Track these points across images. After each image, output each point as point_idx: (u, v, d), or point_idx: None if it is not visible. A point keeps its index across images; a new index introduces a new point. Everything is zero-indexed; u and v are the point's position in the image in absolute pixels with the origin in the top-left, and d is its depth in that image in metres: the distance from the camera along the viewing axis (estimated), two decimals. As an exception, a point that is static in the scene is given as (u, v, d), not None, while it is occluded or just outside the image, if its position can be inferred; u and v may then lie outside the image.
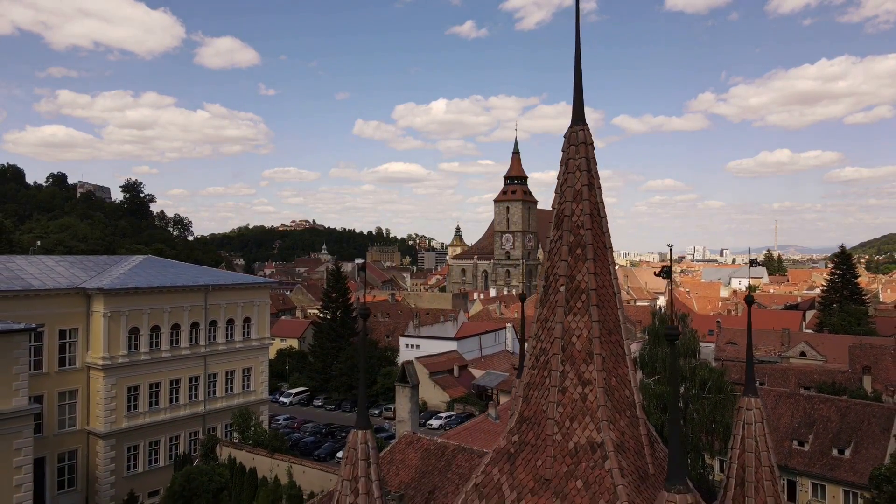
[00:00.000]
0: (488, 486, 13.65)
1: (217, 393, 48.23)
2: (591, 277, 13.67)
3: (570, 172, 14.28)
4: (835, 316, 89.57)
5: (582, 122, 14.42)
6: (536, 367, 14.03)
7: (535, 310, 14.42)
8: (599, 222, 14.17)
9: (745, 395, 15.69)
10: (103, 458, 41.87)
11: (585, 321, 13.55)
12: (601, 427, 12.97)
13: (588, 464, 12.79)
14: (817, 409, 49.08)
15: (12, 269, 41.70)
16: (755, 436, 15.26)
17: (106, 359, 41.77)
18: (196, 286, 46.80)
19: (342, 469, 12.80)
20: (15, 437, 30.22)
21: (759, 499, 14.94)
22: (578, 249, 13.89)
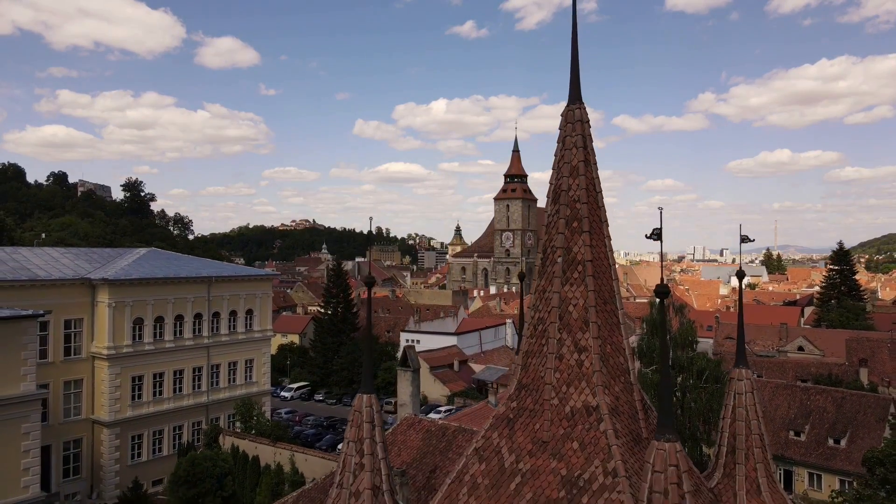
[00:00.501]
0: (488, 449, 14.17)
1: (220, 384, 48.76)
2: (587, 249, 14.19)
3: (566, 149, 14.81)
4: (833, 312, 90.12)
5: (578, 100, 14.96)
6: (534, 336, 14.56)
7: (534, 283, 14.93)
8: (595, 197, 14.70)
9: (736, 367, 16.22)
10: (108, 447, 42.40)
11: (582, 291, 14.08)
12: (596, 391, 13.49)
13: (584, 426, 13.32)
14: (813, 400, 49.62)
15: (18, 261, 42.24)
16: (746, 405, 15.78)
17: (110, 349, 42.30)
18: (199, 278, 47.32)
19: (348, 431, 13.33)
20: (23, 422, 30.71)
21: (750, 465, 15.45)
22: (575, 223, 14.42)
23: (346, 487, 12.93)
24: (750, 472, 15.44)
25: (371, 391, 13.44)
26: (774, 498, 15.32)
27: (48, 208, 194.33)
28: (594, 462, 12.91)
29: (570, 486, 12.86)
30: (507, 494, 13.40)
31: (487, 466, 13.98)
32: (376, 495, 12.87)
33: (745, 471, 15.44)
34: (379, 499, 12.92)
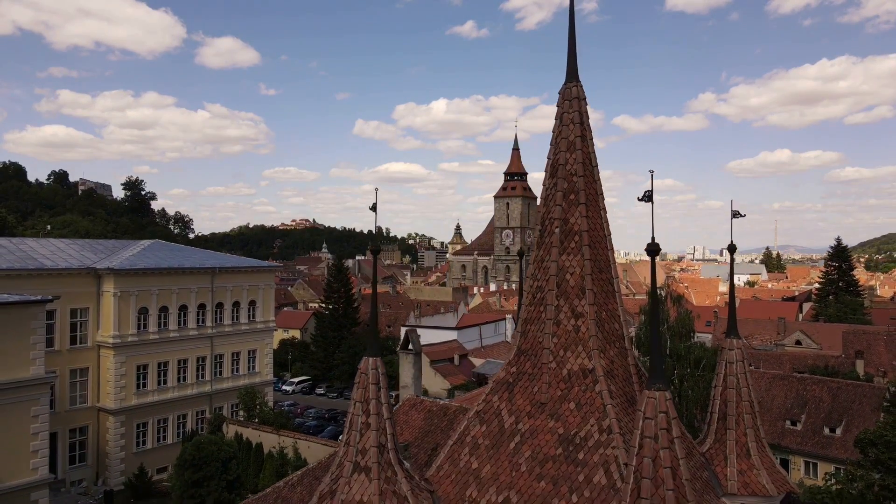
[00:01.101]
0: (488, 412, 14.79)
1: (223, 373, 49.36)
2: (583, 220, 14.81)
3: (564, 125, 15.43)
4: (831, 307, 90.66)
5: (575, 79, 15.58)
6: (533, 304, 15.18)
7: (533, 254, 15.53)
8: (591, 171, 15.31)
9: (727, 337, 16.85)
10: (113, 435, 43.00)
11: (578, 260, 14.69)
12: (592, 355, 14.11)
13: (580, 387, 13.94)
14: (809, 390, 50.19)
15: (24, 251, 42.83)
16: (736, 373, 16.41)
17: (116, 337, 42.90)
18: (203, 268, 47.93)
19: (354, 392, 13.92)
20: (32, 405, 31.30)
21: (740, 430, 16.08)
22: (572, 195, 15.04)
23: (352, 445, 13.51)
24: (740, 437, 16.08)
25: (377, 354, 14.02)
26: (763, 461, 15.95)
27: (49, 207, 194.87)
28: (590, 421, 13.53)
29: (567, 443, 13.47)
30: (507, 453, 14.01)
31: (488, 428, 14.60)
32: (381, 453, 13.46)
33: (736, 435, 16.07)
34: (384, 456, 13.50)
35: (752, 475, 15.66)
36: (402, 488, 13.37)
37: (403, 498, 13.30)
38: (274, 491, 27.28)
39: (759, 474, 15.62)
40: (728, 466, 15.82)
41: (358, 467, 13.27)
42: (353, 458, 13.39)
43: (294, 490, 26.72)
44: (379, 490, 13.00)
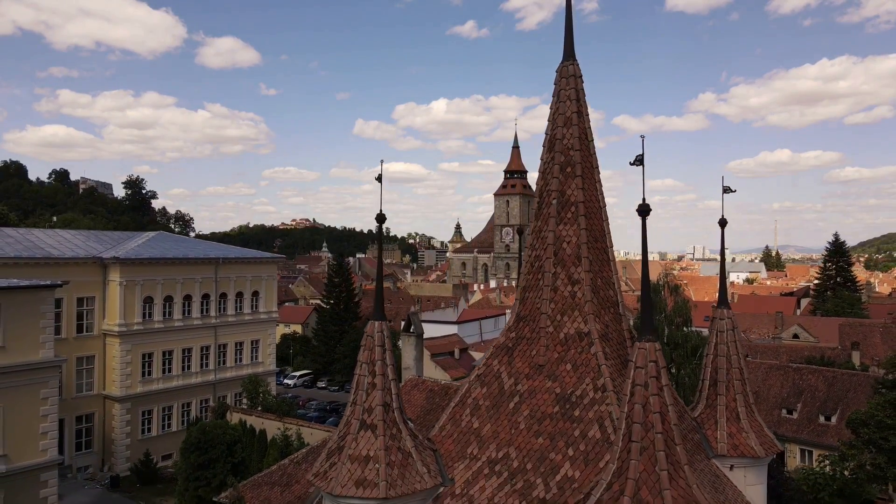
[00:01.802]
0: (489, 375, 15.47)
1: (227, 363, 50.03)
2: (579, 192, 15.50)
3: (561, 102, 16.11)
4: (828, 302, 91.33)
5: (572, 57, 16.25)
6: (532, 272, 15.87)
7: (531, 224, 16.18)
8: (587, 145, 15.99)
9: (718, 307, 17.53)
10: (119, 422, 43.67)
11: (575, 229, 15.38)
12: (588, 319, 14.80)
13: (576, 350, 14.62)
14: (805, 380, 50.84)
15: (31, 240, 43.51)
16: (727, 342, 17.10)
17: (122, 326, 43.57)
18: (207, 258, 48.62)
19: (361, 354, 14.59)
20: (42, 387, 31.96)
21: (730, 395, 16.76)
22: (568, 168, 15.72)
23: (359, 404, 14.18)
24: (730, 402, 16.75)
25: (382, 318, 14.69)
26: (752, 424, 16.62)
27: (50, 205, 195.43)
28: (585, 380, 14.21)
29: (563, 401, 14.16)
30: (507, 413, 14.69)
31: (488, 390, 15.28)
32: (387, 411, 14.13)
33: (726, 401, 16.75)
34: (389, 415, 14.18)
35: (742, 438, 16.33)
36: (406, 445, 14.04)
37: (408, 454, 13.97)
38: (279, 468, 27.94)
39: (748, 437, 16.28)
40: (718, 430, 16.49)
41: (364, 425, 13.93)
42: (359, 416, 14.05)
43: (299, 467, 27.37)
44: (385, 446, 13.67)
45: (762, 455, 16.22)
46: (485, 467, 14.09)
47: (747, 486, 16.42)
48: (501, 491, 13.53)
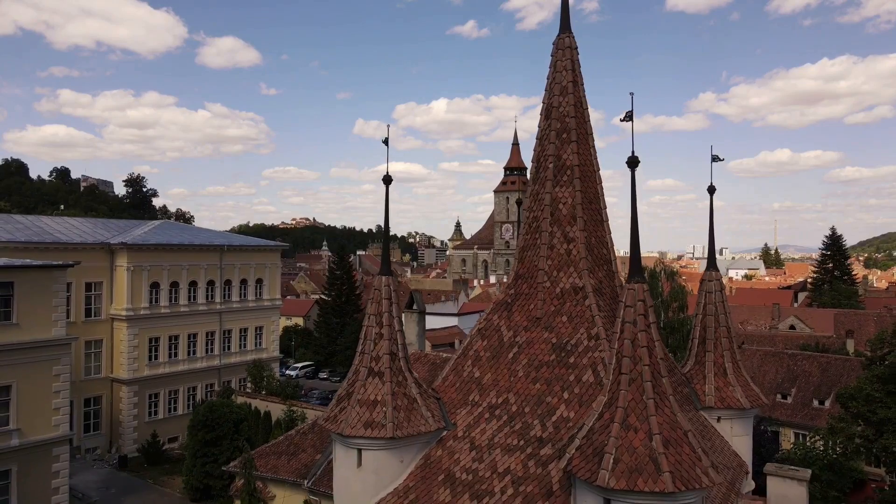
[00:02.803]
0: (489, 328, 16.38)
1: (231, 348, 50.92)
2: (574, 156, 16.41)
3: (557, 72, 17.02)
4: (825, 296, 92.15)
5: (568, 30, 17.17)
6: (529, 232, 16.78)
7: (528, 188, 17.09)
8: (582, 112, 16.90)
9: (707, 270, 18.46)
10: (126, 404, 44.54)
11: (570, 191, 16.29)
12: (583, 275, 15.71)
13: (572, 303, 15.53)
14: (800, 365, 51.73)
15: (41, 227, 44.38)
16: (715, 302, 18.06)
17: (129, 310, 44.44)
18: (212, 245, 49.49)
19: (369, 307, 15.50)
20: (54, 364, 32.80)
21: (718, 352, 17.71)
22: (564, 134, 16.64)
23: (367, 353, 15.09)
24: (717, 359, 17.72)
25: (388, 273, 15.59)
26: (739, 379, 17.56)
27: (52, 203, 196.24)
28: (580, 330, 15.12)
29: (559, 350, 15.06)
30: (506, 362, 15.61)
31: (489, 342, 16.19)
32: (393, 360, 15.05)
33: (714, 357, 17.72)
34: (395, 363, 15.09)
35: (728, 391, 17.27)
36: (411, 391, 14.96)
37: (413, 399, 14.88)
38: (286, 439, 28.85)
39: (734, 390, 17.22)
40: (706, 384, 17.44)
41: (372, 372, 14.85)
42: (367, 364, 14.97)
43: (305, 437, 28.29)
44: (391, 391, 14.59)
45: (747, 406, 17.15)
46: (485, 412, 14.99)
47: (734, 436, 17.37)
48: (501, 432, 14.43)
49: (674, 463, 11.06)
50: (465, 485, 13.71)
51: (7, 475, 31.15)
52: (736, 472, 16.12)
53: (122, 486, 38.69)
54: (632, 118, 12.45)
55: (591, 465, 11.42)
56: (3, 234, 41.00)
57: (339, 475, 14.90)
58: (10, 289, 31.31)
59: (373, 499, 14.22)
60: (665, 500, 10.99)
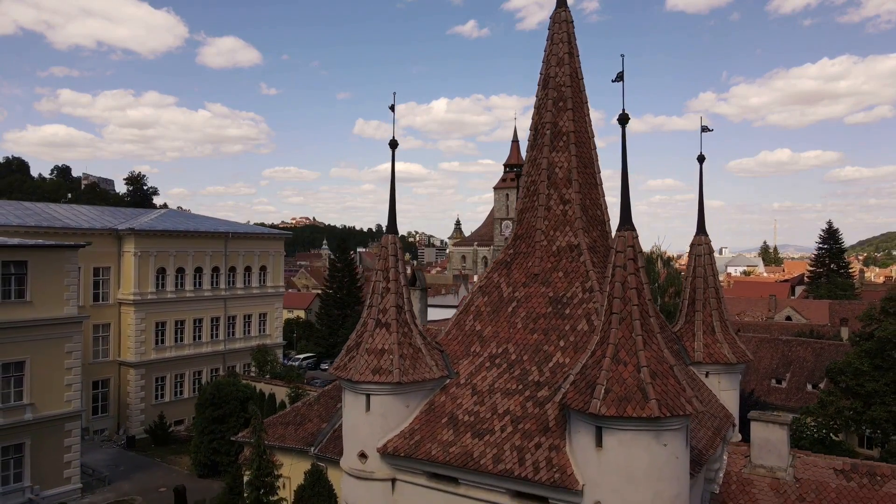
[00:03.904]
0: (489, 286, 17.33)
1: (236, 334, 51.83)
2: (570, 123, 17.36)
3: (554, 44, 17.96)
4: (822, 289, 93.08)
5: (564, 5, 18.14)
6: (527, 196, 17.72)
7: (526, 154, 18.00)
8: (578, 82, 17.85)
9: (697, 235, 19.40)
10: (134, 387, 45.45)
11: (566, 156, 17.24)
12: (578, 234, 16.66)
13: (568, 259, 16.49)
14: (794, 351, 52.63)
15: (50, 213, 45.30)
16: (704, 265, 19.01)
17: (136, 295, 45.35)
18: (217, 233, 50.40)
19: (376, 264, 16.43)
20: (66, 342, 33.74)
21: (706, 312, 18.65)
22: (561, 102, 17.58)
23: (375, 306, 16.04)
24: (706, 317, 18.66)
25: (395, 232, 16.54)
26: (726, 337, 18.50)
27: (53, 200, 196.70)
28: (575, 284, 16.07)
29: (555, 303, 16.00)
30: (505, 315, 16.55)
31: (489, 298, 17.14)
32: (399, 312, 15.99)
33: (703, 316, 18.67)
34: (402, 316, 16.04)
35: (716, 347, 18.21)
36: (416, 341, 15.90)
37: (418, 349, 15.82)
38: (293, 410, 29.79)
39: (721, 346, 18.17)
40: (695, 341, 18.40)
41: (380, 323, 15.79)
42: (375, 317, 15.92)
43: (311, 408, 29.23)
44: (398, 340, 15.54)
45: (734, 361, 18.09)
46: (486, 361, 15.93)
47: (721, 391, 18.31)
48: (501, 378, 15.37)
49: (660, 392, 11.99)
50: (468, 425, 14.63)
51: (21, 448, 32.09)
52: (722, 420, 17.05)
53: (130, 464, 39.59)
54: (622, 79, 13.37)
55: (584, 396, 12.35)
56: (14, 219, 41.94)
57: (348, 420, 15.81)
58: (24, 268, 32.24)
59: (380, 440, 15.14)
60: (651, 425, 11.93)
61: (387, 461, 15.09)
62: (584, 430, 12.56)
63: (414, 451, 14.58)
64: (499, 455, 13.67)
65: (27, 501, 31.98)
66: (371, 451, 15.18)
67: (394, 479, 15.21)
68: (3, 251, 31.77)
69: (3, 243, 32.56)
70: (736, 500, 15.53)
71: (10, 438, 31.48)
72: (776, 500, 15.21)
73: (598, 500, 12.37)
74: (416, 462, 14.63)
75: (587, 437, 12.49)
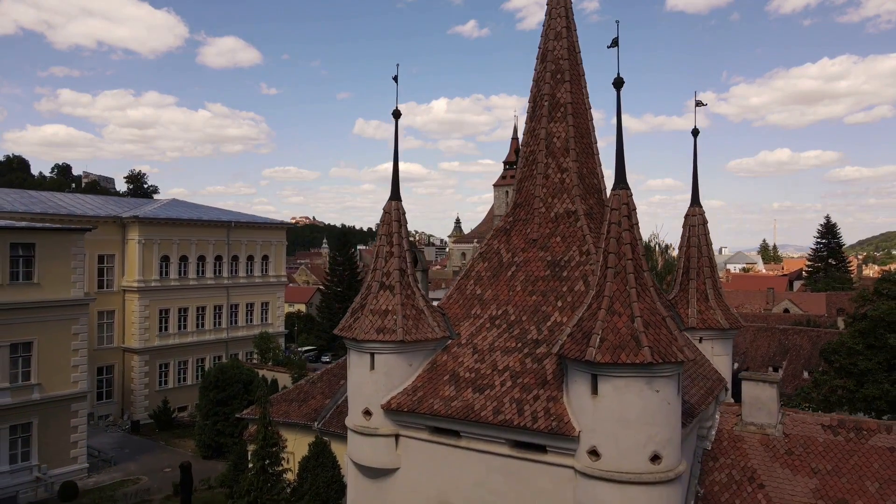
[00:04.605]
0: (489, 252, 17.90)
1: (238, 322, 52.40)
2: (568, 94, 17.91)
3: (552, 18, 18.54)
4: (820, 283, 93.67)
5: (562, -18, 18.61)
6: (527, 165, 18.29)
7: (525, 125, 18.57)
8: (575, 55, 18.41)
9: (691, 206, 19.95)
10: (138, 373, 46.03)
11: (564, 126, 17.80)
12: (575, 201, 17.23)
13: (565, 225, 17.05)
14: (791, 339, 53.24)
15: (55, 201, 45.86)
16: (698, 234, 19.57)
17: (140, 282, 45.93)
18: (219, 222, 51.01)
19: (380, 229, 16.98)
20: (73, 323, 34.32)
21: (700, 280, 19.21)
22: (559, 75, 18.14)
23: (379, 269, 16.58)
24: (700, 286, 19.22)
25: (398, 198, 17.07)
26: (719, 304, 19.06)
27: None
28: (572, 248, 16.63)
29: (553, 266, 16.57)
30: (505, 279, 17.12)
31: (489, 263, 17.71)
32: (402, 275, 16.53)
33: (696, 284, 19.22)
34: (405, 279, 16.58)
35: (710, 314, 18.77)
36: (419, 303, 16.46)
37: (420, 310, 16.37)
38: (297, 388, 30.36)
39: (715, 313, 18.73)
40: (689, 307, 18.95)
41: (384, 286, 16.34)
42: (379, 279, 16.46)
43: (315, 385, 29.81)
44: (401, 302, 16.08)
45: (726, 326, 18.65)
46: (486, 322, 16.48)
47: (714, 356, 18.87)
48: (501, 338, 15.91)
49: (652, 340, 12.54)
50: (468, 381, 15.18)
51: (29, 427, 32.68)
52: (715, 382, 17.59)
53: (135, 447, 40.15)
54: (617, 44, 13.93)
55: (581, 346, 12.91)
56: (20, 206, 42.54)
57: (352, 380, 16.35)
58: (32, 250, 32.83)
59: (384, 398, 15.68)
60: (644, 371, 12.48)
61: (391, 417, 15.61)
62: (581, 379, 13.10)
63: (417, 406, 15.11)
64: (499, 407, 14.20)
65: (35, 480, 32.56)
66: (375, 409, 15.70)
67: (397, 435, 15.73)
68: (12, 233, 32.37)
69: (12, 225, 33.15)
70: (727, 455, 16.07)
71: (18, 418, 32.06)
72: (765, 454, 15.75)
73: (593, 444, 12.91)
74: (419, 417, 15.16)
75: (583, 385, 13.03)
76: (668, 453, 12.79)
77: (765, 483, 15.27)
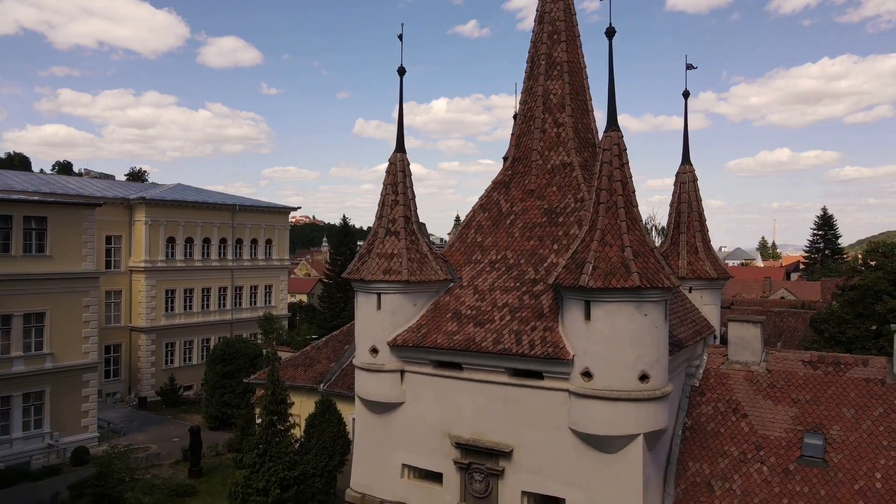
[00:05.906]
0: (489, 203, 18.85)
1: (243, 304, 53.35)
2: (564, 53, 18.87)
3: (549, -18, 19.40)
4: (816, 274, 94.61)
5: (558, -47, 19.53)
6: (524, 122, 19.25)
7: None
8: (571, 18, 19.37)
9: (682, 164, 20.90)
10: (145, 351, 46.96)
11: (560, 84, 18.74)
12: (571, 153, 18.17)
13: (561, 176, 18.01)
14: (786, 322, 54.12)
15: (63, 183, 46.80)
16: (688, 191, 20.52)
17: (147, 262, 46.86)
18: (224, 205, 51.95)
19: (386, 179, 17.92)
20: (83, 296, 35.27)
21: (690, 234, 20.17)
22: (555, 35, 19.11)
23: (385, 217, 17.52)
24: (690, 239, 20.18)
25: (402, 151, 18.01)
26: (708, 256, 20.02)
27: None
28: (568, 196, 17.59)
29: (550, 213, 17.53)
30: (504, 227, 18.07)
31: (489, 214, 18.66)
32: (407, 224, 17.47)
33: (686, 237, 20.18)
34: (409, 226, 17.52)
35: (699, 265, 19.73)
36: (423, 248, 17.41)
37: (424, 255, 17.32)
38: (302, 354, 31.30)
39: (704, 264, 19.69)
40: (680, 259, 19.91)
41: (389, 232, 17.28)
42: (385, 226, 17.41)
43: (320, 351, 30.75)
44: (406, 246, 17.04)
45: (715, 276, 19.62)
46: (486, 266, 17.42)
47: (703, 305, 19.84)
48: (500, 279, 16.86)
49: (641, 267, 13.50)
50: (470, 317, 16.12)
51: (42, 396, 33.62)
52: (703, 326, 18.55)
53: (143, 420, 41.10)
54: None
55: (574, 274, 13.85)
56: (30, 187, 43.48)
57: (360, 320, 17.28)
58: (44, 223, 33.78)
59: (390, 335, 16.62)
60: (633, 296, 13.43)
61: (396, 353, 16.54)
62: (575, 307, 14.03)
63: (421, 341, 16.04)
64: (498, 338, 15.13)
65: (47, 447, 33.50)
66: (382, 346, 16.63)
67: (402, 371, 16.67)
68: (25, 207, 33.31)
69: (25, 199, 34.10)
70: (714, 391, 17.01)
71: (31, 386, 33.01)
72: (749, 388, 16.70)
73: (586, 366, 13.85)
74: (423, 351, 16.08)
75: (577, 311, 13.97)
76: (656, 373, 13.74)
77: (748, 413, 16.23)
